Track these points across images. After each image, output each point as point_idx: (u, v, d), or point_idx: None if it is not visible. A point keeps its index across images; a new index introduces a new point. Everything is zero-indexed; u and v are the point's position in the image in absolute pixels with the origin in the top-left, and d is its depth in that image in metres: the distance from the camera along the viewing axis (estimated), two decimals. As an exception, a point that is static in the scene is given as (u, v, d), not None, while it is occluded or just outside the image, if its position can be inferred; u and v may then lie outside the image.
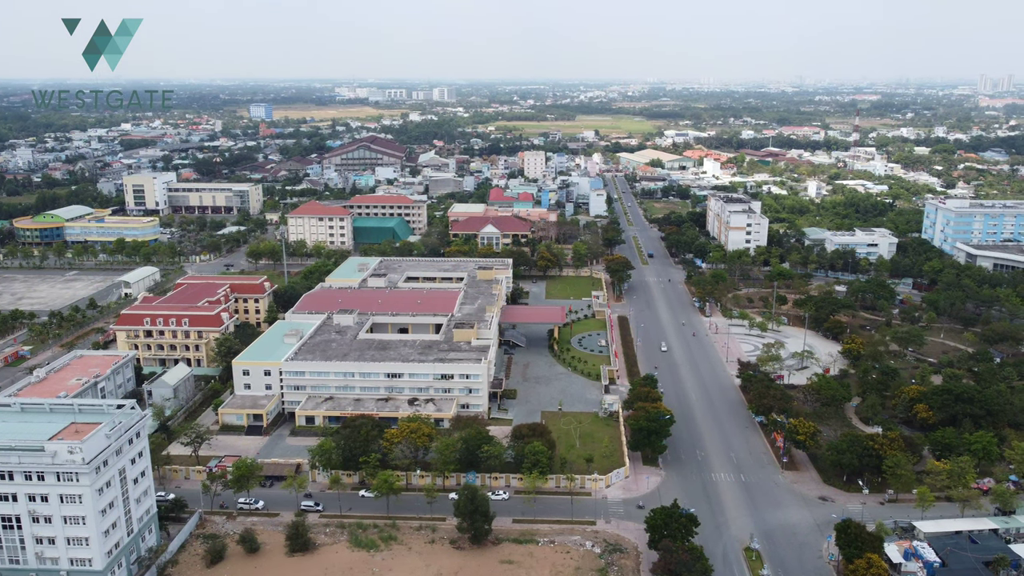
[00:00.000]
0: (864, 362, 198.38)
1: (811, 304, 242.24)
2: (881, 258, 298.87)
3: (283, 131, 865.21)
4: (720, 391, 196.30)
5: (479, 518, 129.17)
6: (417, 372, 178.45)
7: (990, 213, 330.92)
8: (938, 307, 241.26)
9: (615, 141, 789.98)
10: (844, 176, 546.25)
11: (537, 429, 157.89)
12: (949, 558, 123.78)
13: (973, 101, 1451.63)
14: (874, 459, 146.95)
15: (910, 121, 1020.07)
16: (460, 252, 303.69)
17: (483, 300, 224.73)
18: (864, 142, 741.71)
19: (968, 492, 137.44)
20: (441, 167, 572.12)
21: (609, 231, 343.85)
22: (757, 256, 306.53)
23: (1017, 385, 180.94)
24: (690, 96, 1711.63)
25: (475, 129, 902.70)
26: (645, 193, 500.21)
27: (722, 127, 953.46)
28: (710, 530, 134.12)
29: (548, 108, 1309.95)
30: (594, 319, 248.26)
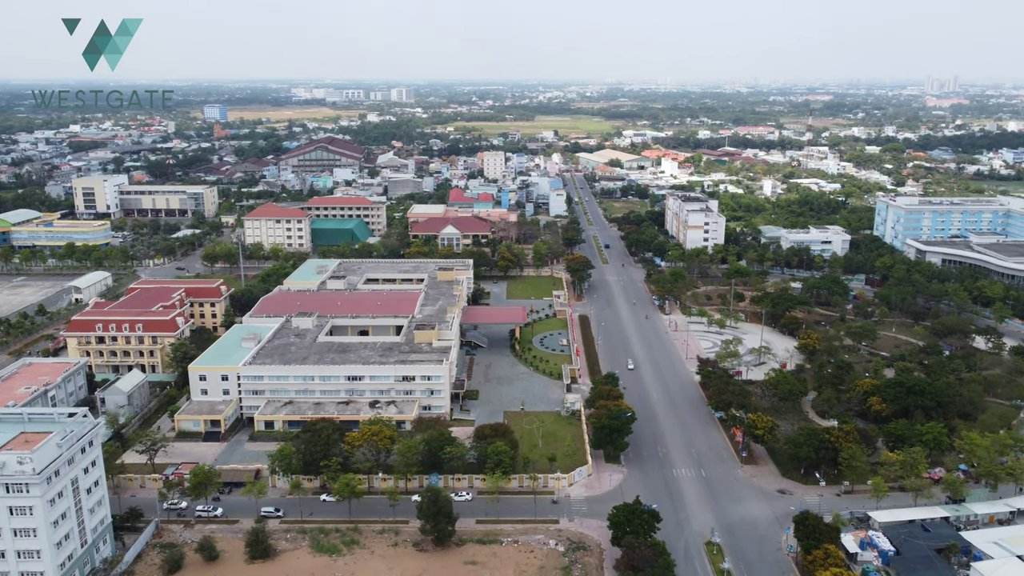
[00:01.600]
0: (819, 357, 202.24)
1: (768, 301, 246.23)
2: (835, 255, 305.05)
3: (238, 132, 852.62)
4: (680, 388, 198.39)
5: (442, 520, 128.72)
6: (378, 374, 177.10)
7: (938, 210, 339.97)
8: (890, 302, 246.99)
9: (574, 141, 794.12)
10: (798, 175, 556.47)
11: (500, 429, 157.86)
12: (903, 546, 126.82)
13: (921, 101, 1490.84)
14: (830, 452, 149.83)
15: (861, 121, 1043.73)
16: (420, 253, 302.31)
17: (444, 301, 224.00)
18: (817, 141, 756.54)
19: (920, 482, 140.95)
20: (400, 168, 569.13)
21: (569, 231, 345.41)
22: (715, 254, 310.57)
23: (966, 377, 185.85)
24: (648, 97, 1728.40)
25: (434, 130, 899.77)
26: (604, 193, 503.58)
27: (679, 127, 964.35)
28: (672, 525, 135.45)
29: (507, 109, 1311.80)
30: (555, 318, 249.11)
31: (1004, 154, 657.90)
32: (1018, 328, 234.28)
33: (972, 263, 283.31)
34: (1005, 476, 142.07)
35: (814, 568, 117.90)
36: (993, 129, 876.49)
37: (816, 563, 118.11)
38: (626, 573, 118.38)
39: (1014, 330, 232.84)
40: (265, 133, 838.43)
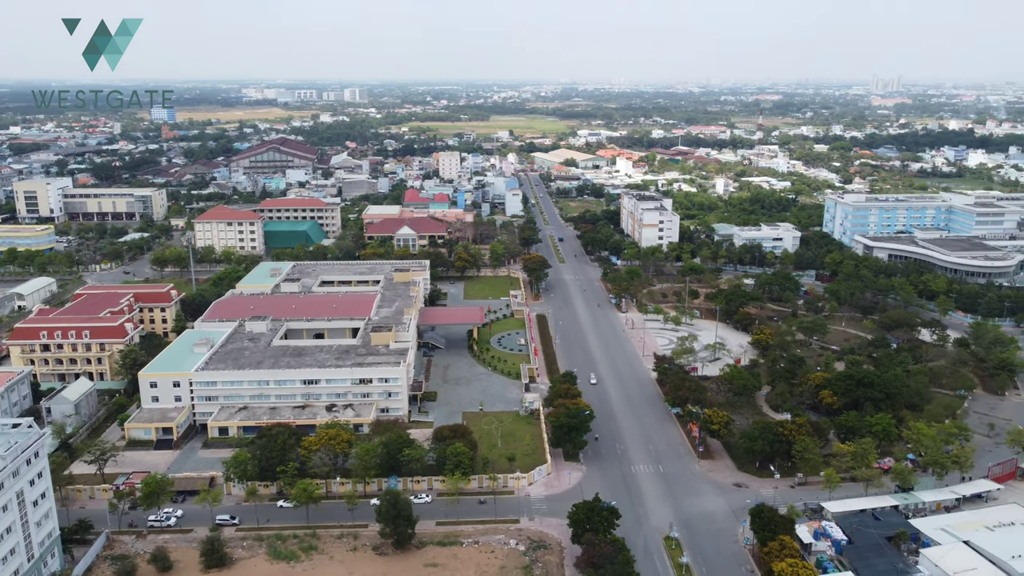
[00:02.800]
0: (772, 352, 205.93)
1: (722, 297, 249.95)
2: (786, 251, 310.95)
3: (187, 133, 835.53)
4: (637, 385, 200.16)
5: (402, 522, 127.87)
6: (334, 378, 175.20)
7: (884, 207, 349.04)
8: (839, 297, 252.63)
9: (529, 141, 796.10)
10: (750, 173, 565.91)
11: (458, 430, 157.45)
12: (855, 535, 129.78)
13: (866, 101, 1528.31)
14: (784, 445, 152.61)
15: (809, 120, 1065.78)
16: (376, 254, 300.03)
17: (400, 302, 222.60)
18: (767, 140, 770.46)
19: (870, 472, 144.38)
20: (354, 169, 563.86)
21: (526, 230, 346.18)
22: (670, 252, 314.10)
23: (912, 369, 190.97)
24: (602, 96, 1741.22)
25: (388, 130, 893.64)
26: (560, 192, 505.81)
27: (633, 127, 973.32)
28: (631, 521, 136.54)
29: (462, 108, 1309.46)
30: (513, 318, 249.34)
31: (946, 152, 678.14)
32: (961, 320, 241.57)
33: (917, 258, 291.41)
34: (951, 464, 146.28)
35: (770, 559, 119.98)
36: (935, 128, 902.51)
37: (772, 554, 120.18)
38: (587, 570, 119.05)
39: (957, 322, 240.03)
40: (215, 134, 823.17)
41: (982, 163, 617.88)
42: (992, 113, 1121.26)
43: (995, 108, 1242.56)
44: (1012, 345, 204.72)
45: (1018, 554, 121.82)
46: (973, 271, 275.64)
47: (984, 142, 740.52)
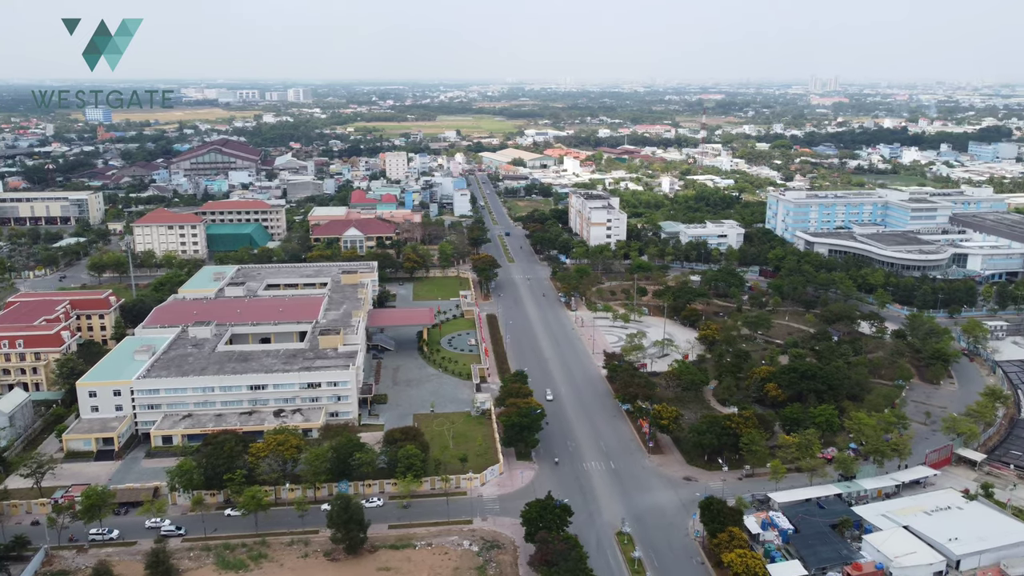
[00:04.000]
0: (719, 347, 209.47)
1: (669, 294, 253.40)
2: (730, 248, 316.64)
3: (124, 135, 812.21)
4: (588, 382, 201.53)
5: (354, 527, 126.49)
6: (282, 382, 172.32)
7: (824, 203, 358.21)
8: (782, 292, 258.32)
9: (477, 141, 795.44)
10: (694, 171, 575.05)
11: (409, 432, 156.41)
12: (800, 524, 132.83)
13: (805, 100, 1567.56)
14: (732, 438, 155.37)
15: (751, 119, 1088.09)
16: (323, 257, 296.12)
17: (348, 305, 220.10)
18: (711, 139, 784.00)
19: (815, 462, 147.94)
20: (299, 170, 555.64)
21: (475, 230, 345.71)
22: (618, 250, 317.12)
23: (853, 361, 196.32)
24: (548, 96, 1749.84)
25: (334, 130, 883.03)
26: (508, 192, 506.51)
27: (580, 126, 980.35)
28: (583, 518, 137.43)
29: (408, 108, 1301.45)
30: (463, 319, 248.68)
31: (881, 149, 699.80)
32: (898, 313, 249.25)
33: (855, 253, 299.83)
34: (890, 452, 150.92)
35: (720, 550, 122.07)
36: (871, 126, 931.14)
37: (722, 546, 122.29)
38: (540, 568, 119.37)
39: (894, 315, 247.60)
40: (154, 135, 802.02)
41: (915, 160, 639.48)
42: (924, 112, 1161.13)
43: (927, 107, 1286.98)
44: (945, 336, 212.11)
45: (954, 537, 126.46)
46: (908, 265, 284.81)
47: (917, 140, 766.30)
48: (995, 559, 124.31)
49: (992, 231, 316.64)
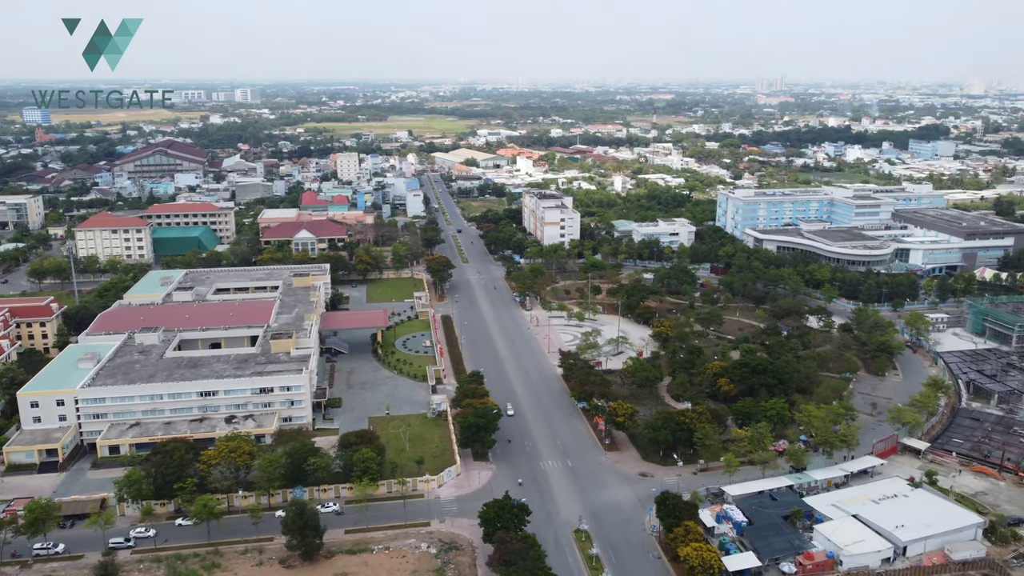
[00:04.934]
0: (672, 343, 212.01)
1: (623, 292, 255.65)
2: (682, 246, 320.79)
3: (65, 137, 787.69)
4: (544, 381, 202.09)
5: (309, 533, 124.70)
6: (233, 388, 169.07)
7: (772, 201, 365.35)
8: (733, 288, 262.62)
9: (429, 141, 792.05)
10: (646, 170, 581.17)
11: (365, 436, 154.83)
12: (754, 516, 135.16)
13: (753, 100, 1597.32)
14: (686, 433, 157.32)
15: (701, 118, 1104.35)
16: (273, 260, 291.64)
17: (301, 308, 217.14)
18: (662, 138, 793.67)
19: (767, 455, 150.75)
20: (248, 171, 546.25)
21: (428, 231, 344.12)
22: (572, 249, 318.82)
23: (802, 355, 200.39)
24: (500, 96, 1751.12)
25: (283, 131, 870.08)
26: (462, 192, 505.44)
27: (532, 126, 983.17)
28: (541, 517, 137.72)
29: (359, 109, 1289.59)
30: (418, 320, 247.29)
31: (826, 148, 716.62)
32: (844, 307, 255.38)
33: (803, 249, 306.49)
34: (839, 443, 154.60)
35: (676, 544, 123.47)
36: (816, 125, 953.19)
37: (678, 540, 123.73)
38: (499, 568, 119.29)
39: (841, 309, 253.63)
40: (96, 137, 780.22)
41: (859, 158, 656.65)
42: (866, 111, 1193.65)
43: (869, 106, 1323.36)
44: (890, 329, 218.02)
45: (900, 524, 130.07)
46: (854, 260, 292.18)
47: (860, 138, 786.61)
48: (939, 544, 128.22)
49: (932, 226, 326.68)
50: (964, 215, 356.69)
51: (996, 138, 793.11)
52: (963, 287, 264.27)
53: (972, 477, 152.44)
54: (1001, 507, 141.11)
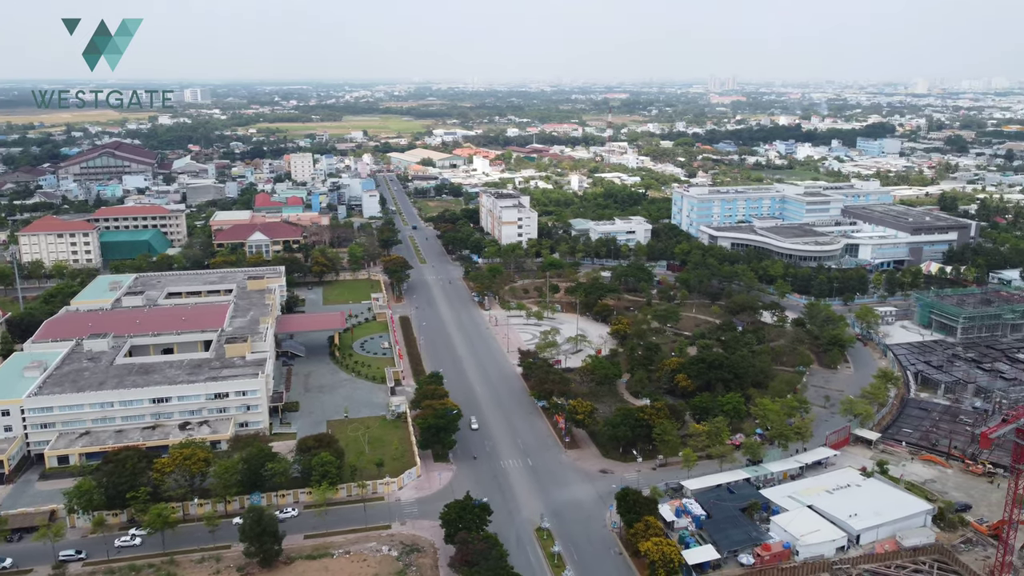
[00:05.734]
0: (630, 340, 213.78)
1: (581, 291, 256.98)
2: (639, 243, 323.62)
3: (6, 138, 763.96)
4: (503, 381, 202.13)
5: (267, 539, 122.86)
6: (187, 394, 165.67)
7: (725, 198, 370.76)
8: (689, 285, 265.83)
9: (385, 141, 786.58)
10: (602, 169, 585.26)
11: (323, 439, 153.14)
12: (712, 509, 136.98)
13: (706, 99, 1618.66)
14: (645, 429, 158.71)
15: (655, 117, 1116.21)
16: (227, 262, 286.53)
17: (256, 311, 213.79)
18: (617, 137, 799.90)
19: (724, 449, 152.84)
20: (199, 173, 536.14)
21: (385, 232, 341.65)
22: (529, 248, 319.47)
23: (757, 349, 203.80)
24: (456, 96, 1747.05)
25: (235, 132, 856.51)
26: (418, 192, 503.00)
27: (488, 125, 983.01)
28: (503, 516, 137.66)
29: (313, 109, 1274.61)
30: (375, 321, 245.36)
31: (777, 146, 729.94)
32: (797, 302, 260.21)
33: (756, 245, 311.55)
34: (793, 435, 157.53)
35: (637, 540, 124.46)
36: (767, 123, 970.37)
37: (638, 535, 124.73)
38: (461, 569, 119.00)
39: (794, 304, 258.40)
40: (39, 139, 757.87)
41: (809, 155, 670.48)
42: (816, 110, 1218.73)
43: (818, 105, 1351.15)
44: (841, 322, 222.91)
45: (854, 513, 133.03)
46: (805, 256, 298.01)
47: (810, 136, 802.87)
48: (891, 532, 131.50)
49: (880, 222, 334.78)
50: (910, 211, 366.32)
51: (939, 135, 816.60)
52: (910, 281, 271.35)
53: (921, 465, 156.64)
54: (949, 494, 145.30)
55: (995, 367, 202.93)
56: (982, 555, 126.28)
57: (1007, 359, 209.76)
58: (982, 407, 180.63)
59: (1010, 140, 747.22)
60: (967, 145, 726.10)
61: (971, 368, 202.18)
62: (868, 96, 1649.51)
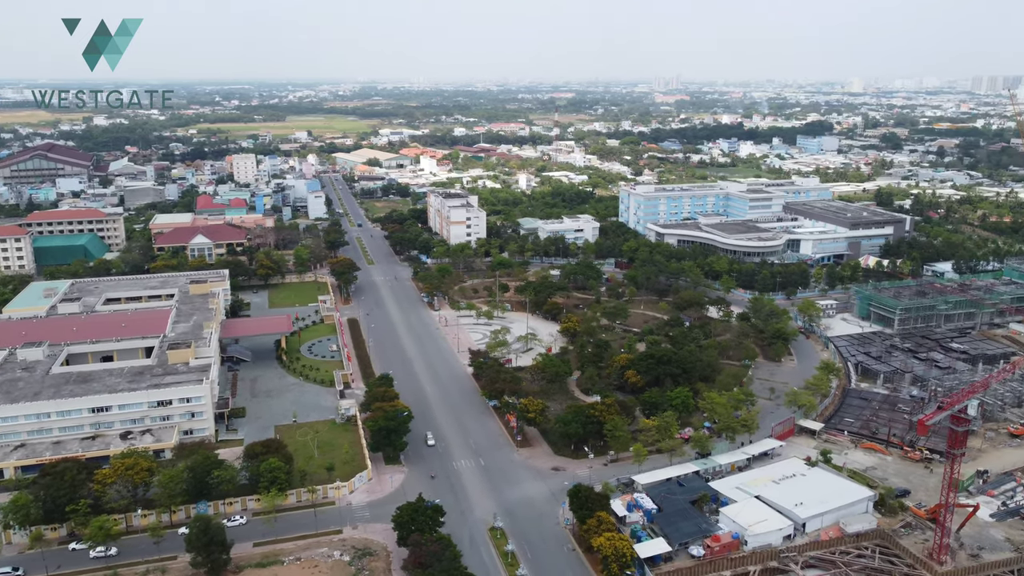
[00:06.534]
0: (580, 338, 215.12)
1: (530, 289, 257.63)
2: (587, 242, 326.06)
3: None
4: (454, 381, 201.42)
5: (215, 549, 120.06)
6: (128, 402, 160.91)
7: (671, 196, 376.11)
8: (637, 282, 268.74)
9: (330, 141, 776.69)
10: (550, 168, 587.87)
11: (271, 445, 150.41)
12: (663, 503, 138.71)
13: (651, 98, 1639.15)
14: (596, 425, 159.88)
15: (601, 116, 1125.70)
16: (168, 267, 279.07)
17: (199, 316, 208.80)
18: (564, 136, 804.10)
19: (673, 443, 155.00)
20: (137, 175, 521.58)
21: (331, 233, 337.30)
22: (478, 248, 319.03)
23: (704, 344, 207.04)
24: (402, 95, 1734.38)
25: (174, 133, 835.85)
26: (365, 193, 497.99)
27: (435, 125, 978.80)
28: (456, 517, 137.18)
29: (255, 109, 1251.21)
30: (323, 324, 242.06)
31: (721, 144, 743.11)
32: (742, 297, 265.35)
33: (702, 242, 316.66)
34: (740, 428, 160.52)
35: (589, 536, 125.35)
36: (711, 122, 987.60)
37: (591, 531, 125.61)
38: (414, 571, 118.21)
39: (739, 299, 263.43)
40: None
41: (751, 153, 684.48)
42: (757, 108, 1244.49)
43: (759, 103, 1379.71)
44: (784, 316, 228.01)
45: (800, 502, 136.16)
46: (749, 251, 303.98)
47: (752, 134, 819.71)
48: (835, 519, 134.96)
49: (820, 217, 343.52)
50: (848, 206, 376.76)
51: (875, 133, 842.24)
52: (849, 274, 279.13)
53: (862, 453, 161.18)
54: (889, 480, 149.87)
55: (930, 356, 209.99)
56: (921, 538, 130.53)
57: (941, 348, 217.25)
58: (919, 395, 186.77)
59: (941, 137, 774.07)
60: (901, 142, 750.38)
61: (908, 358, 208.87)
62: (807, 95, 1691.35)
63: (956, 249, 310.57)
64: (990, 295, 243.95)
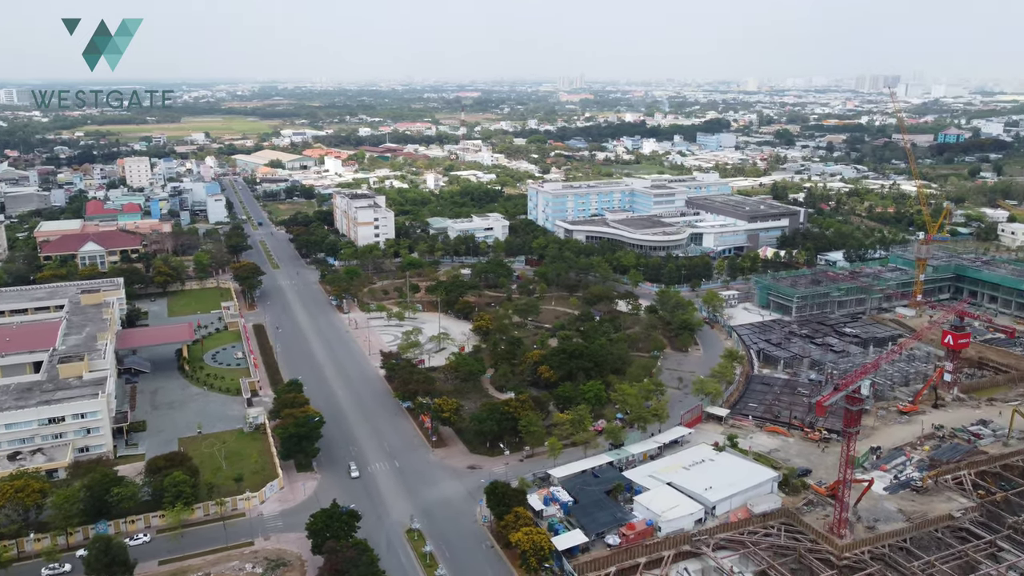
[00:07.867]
0: (493, 336, 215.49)
1: (442, 289, 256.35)
2: (497, 240, 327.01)
3: None
4: (366, 384, 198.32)
5: (118, 569, 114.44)
6: (15, 421, 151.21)
7: (578, 193, 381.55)
8: (547, 278, 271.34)
9: (229, 143, 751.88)
10: (458, 167, 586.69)
11: (175, 458, 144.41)
12: (579, 495, 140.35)
13: (556, 97, 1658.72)
14: (511, 422, 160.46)
15: (507, 115, 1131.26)
16: (57, 276, 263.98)
17: (92, 327, 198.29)
18: (471, 135, 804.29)
19: (587, 435, 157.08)
20: (19, 181, 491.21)
21: (233, 237, 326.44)
22: (387, 249, 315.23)
23: (614, 338, 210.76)
24: (304, 95, 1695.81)
25: (59, 136, 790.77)
26: (268, 195, 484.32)
27: (339, 125, 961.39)
28: (372, 521, 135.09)
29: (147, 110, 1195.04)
30: (227, 331, 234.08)
31: (625, 142, 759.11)
32: (649, 290, 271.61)
33: (609, 237, 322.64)
34: (651, 417, 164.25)
35: (507, 531, 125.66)
36: (615, 120, 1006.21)
37: (508, 527, 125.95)
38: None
39: (646, 292, 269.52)
40: None
41: (654, 150, 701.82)
42: (659, 107, 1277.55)
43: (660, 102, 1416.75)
44: (690, 307, 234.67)
45: (709, 486, 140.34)
46: (655, 246, 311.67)
47: (654, 132, 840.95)
48: (743, 500, 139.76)
49: (720, 211, 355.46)
50: (746, 200, 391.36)
51: (769, 130, 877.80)
52: (749, 266, 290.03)
53: (766, 436, 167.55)
54: (791, 461, 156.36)
55: (826, 341, 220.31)
56: (822, 514, 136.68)
57: (836, 333, 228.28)
58: (816, 378, 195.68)
59: (830, 133, 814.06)
60: (793, 138, 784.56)
61: (806, 343, 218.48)
62: (705, 93, 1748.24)
63: (846, 239, 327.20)
64: (878, 281, 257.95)
